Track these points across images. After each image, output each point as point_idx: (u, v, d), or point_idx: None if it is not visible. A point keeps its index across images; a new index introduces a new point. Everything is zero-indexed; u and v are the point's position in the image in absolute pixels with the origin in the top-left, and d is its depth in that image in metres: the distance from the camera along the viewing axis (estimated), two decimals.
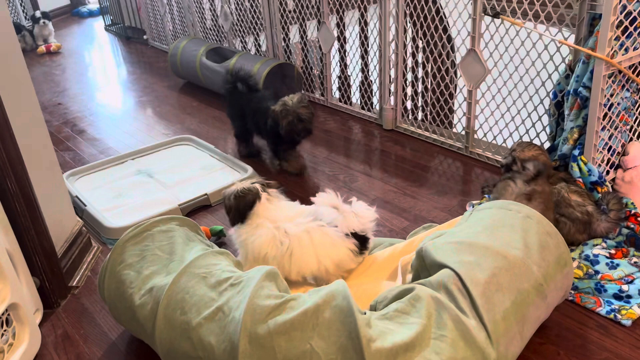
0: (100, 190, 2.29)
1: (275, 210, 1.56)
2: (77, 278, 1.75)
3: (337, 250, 1.48)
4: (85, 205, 2.12)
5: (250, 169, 2.31)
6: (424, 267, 1.33)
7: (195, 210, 2.12)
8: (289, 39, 3.13)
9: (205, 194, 2.14)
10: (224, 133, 2.81)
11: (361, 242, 1.53)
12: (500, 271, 1.19)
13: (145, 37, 4.68)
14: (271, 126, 2.21)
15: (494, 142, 2.27)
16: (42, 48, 4.66)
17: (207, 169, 2.41)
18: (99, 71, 4.18)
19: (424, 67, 2.51)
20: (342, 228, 1.49)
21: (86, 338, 1.54)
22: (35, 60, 4.48)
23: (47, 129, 1.75)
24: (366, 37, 2.69)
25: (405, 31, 2.46)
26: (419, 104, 2.63)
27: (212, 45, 3.32)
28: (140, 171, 2.42)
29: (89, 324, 1.59)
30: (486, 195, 1.92)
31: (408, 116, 2.66)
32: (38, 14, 4.78)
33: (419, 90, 2.59)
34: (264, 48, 3.36)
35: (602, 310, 1.45)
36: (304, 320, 1.13)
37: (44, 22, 4.72)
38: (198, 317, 1.23)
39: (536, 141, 2.09)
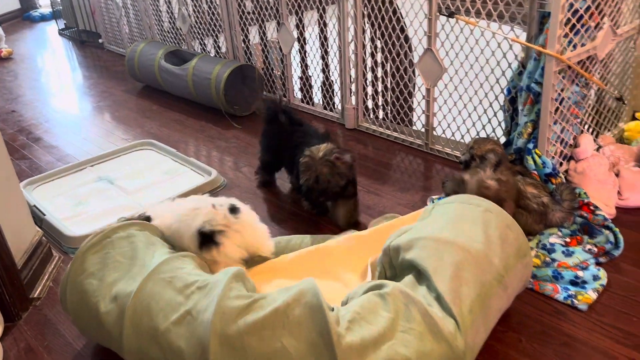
0: (59, 198, 2.24)
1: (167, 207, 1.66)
2: (39, 289, 1.71)
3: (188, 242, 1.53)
4: (45, 215, 2.06)
5: (214, 172, 2.29)
6: (391, 264, 1.36)
7: None
8: (249, 41, 3.13)
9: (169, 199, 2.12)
10: (185, 136, 2.78)
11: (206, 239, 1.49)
12: (465, 265, 1.23)
13: (100, 40, 4.57)
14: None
15: (452, 138, 2.33)
16: None
17: (170, 173, 2.39)
18: (54, 76, 4.07)
19: (383, 66, 2.55)
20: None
21: (50, 350, 1.50)
22: None
23: (2, 137, 1.70)
24: (326, 38, 2.71)
25: (364, 32, 2.49)
26: (380, 103, 2.67)
27: (170, 47, 3.28)
28: (101, 178, 2.38)
29: (52, 335, 1.55)
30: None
31: (369, 115, 2.70)
32: None
33: (379, 89, 2.64)
34: (223, 50, 3.34)
35: (560, 296, 1.51)
36: (275, 319, 1.14)
37: None
38: (166, 322, 1.22)
39: (492, 136, 2.16)
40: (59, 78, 4.02)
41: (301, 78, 2.97)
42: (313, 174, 1.78)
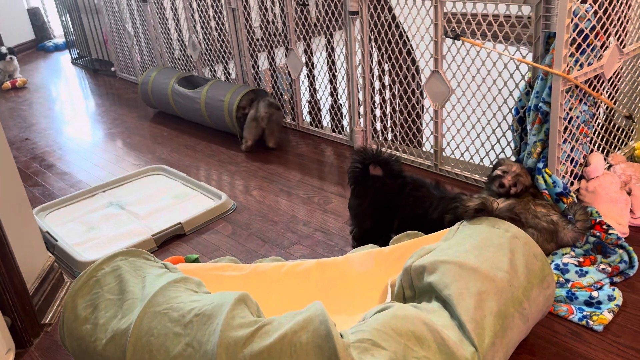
0: (71, 224, 2.26)
1: None
2: (50, 315, 1.71)
3: None
4: (57, 241, 2.08)
5: (224, 196, 2.30)
6: (411, 284, 1.33)
7: (170, 240, 2.11)
8: (258, 66, 3.17)
9: (179, 223, 2.13)
10: (196, 161, 2.81)
11: None
12: (489, 296, 1.21)
13: (113, 69, 4.66)
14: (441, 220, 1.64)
15: (462, 158, 2.33)
16: (7, 84, 4.60)
17: (180, 197, 2.40)
18: (67, 105, 4.15)
19: (390, 89, 2.57)
20: None
21: None
22: (1, 96, 4.42)
23: (15, 165, 1.73)
24: (333, 62, 2.75)
25: (370, 55, 2.52)
26: (388, 125, 2.68)
27: (183, 74, 3.34)
28: (112, 203, 2.40)
29: None
30: None
31: (378, 137, 2.71)
32: (4, 49, 4.72)
33: (387, 111, 2.65)
34: (233, 76, 3.39)
35: (575, 317, 1.49)
36: (282, 348, 1.11)
37: (10, 58, 4.67)
38: (167, 357, 1.19)
39: (502, 156, 2.15)
40: (72, 106, 4.10)
41: (310, 102, 2.99)
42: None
